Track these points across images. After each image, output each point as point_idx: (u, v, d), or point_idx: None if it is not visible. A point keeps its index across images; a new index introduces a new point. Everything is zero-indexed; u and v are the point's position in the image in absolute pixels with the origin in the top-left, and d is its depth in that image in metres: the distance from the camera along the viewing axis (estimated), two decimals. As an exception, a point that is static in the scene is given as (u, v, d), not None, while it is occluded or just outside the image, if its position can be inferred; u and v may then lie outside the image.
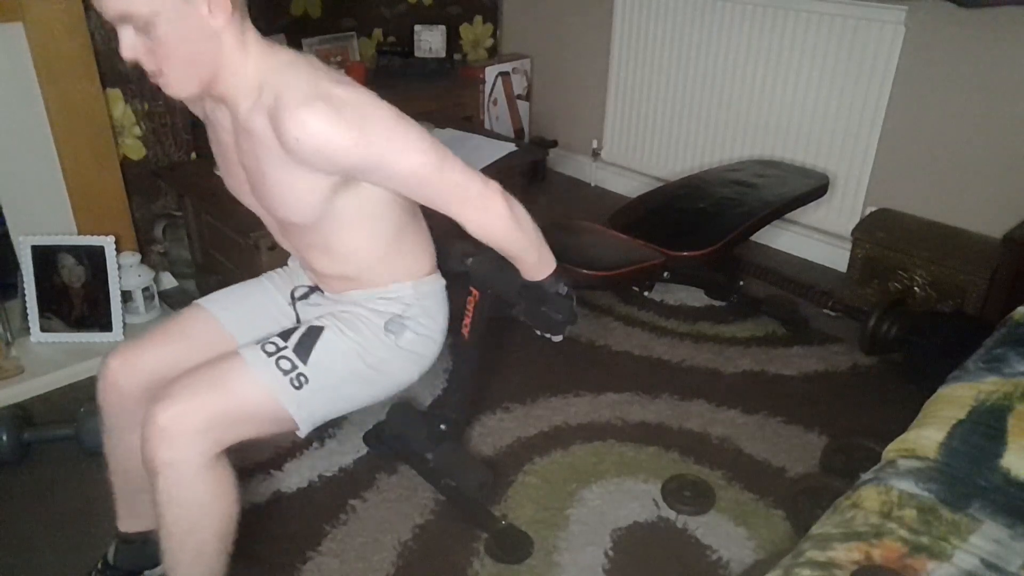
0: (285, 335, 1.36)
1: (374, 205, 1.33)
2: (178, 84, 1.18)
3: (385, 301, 1.44)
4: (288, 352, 1.32)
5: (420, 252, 1.48)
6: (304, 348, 1.34)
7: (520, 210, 1.38)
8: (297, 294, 1.51)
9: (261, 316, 1.50)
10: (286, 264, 1.61)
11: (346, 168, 1.23)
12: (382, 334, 1.41)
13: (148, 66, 1.16)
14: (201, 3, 1.12)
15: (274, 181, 1.26)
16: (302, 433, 1.36)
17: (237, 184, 1.40)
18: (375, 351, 1.40)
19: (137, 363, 1.40)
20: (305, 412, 1.33)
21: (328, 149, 1.17)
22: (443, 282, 1.52)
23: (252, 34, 1.21)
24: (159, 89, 1.20)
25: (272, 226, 1.46)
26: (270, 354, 1.31)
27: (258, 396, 1.29)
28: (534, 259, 1.44)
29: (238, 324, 1.47)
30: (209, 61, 1.17)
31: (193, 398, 1.24)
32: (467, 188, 1.31)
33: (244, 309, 1.50)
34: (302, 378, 1.31)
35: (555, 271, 1.47)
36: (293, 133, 1.15)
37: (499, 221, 1.35)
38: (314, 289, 1.52)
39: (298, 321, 1.47)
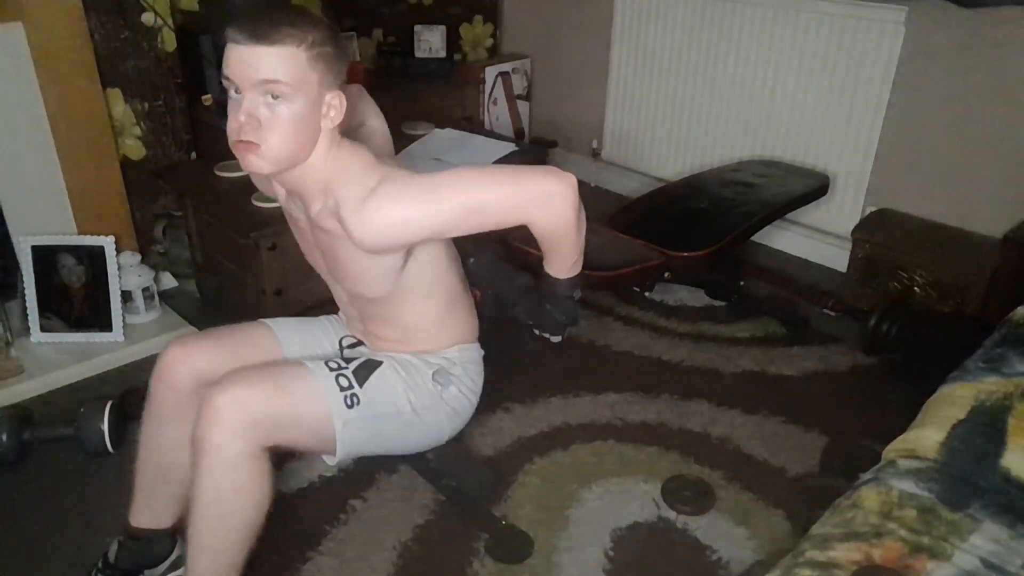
0: (346, 359, 1.45)
1: (433, 273, 1.46)
2: (267, 157, 1.23)
3: (433, 359, 1.53)
4: (348, 372, 1.41)
5: (467, 322, 1.59)
6: (362, 373, 1.43)
7: (581, 204, 1.40)
8: (345, 343, 1.59)
9: (314, 348, 1.58)
10: (339, 313, 1.68)
11: (409, 239, 1.33)
12: (430, 383, 1.50)
13: (248, 135, 1.21)
14: (326, 103, 1.24)
15: (350, 266, 1.38)
16: (335, 458, 1.43)
17: (314, 261, 1.53)
18: (421, 396, 1.49)
19: (196, 355, 1.45)
20: (348, 434, 1.39)
21: (396, 233, 1.28)
22: (482, 352, 1.63)
23: (338, 143, 1.31)
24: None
25: (341, 297, 1.57)
26: (332, 370, 1.40)
27: (313, 404, 1.36)
28: (575, 257, 1.45)
29: (294, 348, 1.55)
30: (303, 153, 1.26)
31: (254, 388, 1.29)
32: (542, 188, 1.33)
33: (301, 337, 1.58)
34: (355, 398, 1.39)
35: (577, 275, 1.49)
36: (359, 237, 1.26)
37: (571, 213, 1.35)
38: (360, 343, 1.59)
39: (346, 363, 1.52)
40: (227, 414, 1.25)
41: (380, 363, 1.46)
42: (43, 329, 2.27)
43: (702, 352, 2.35)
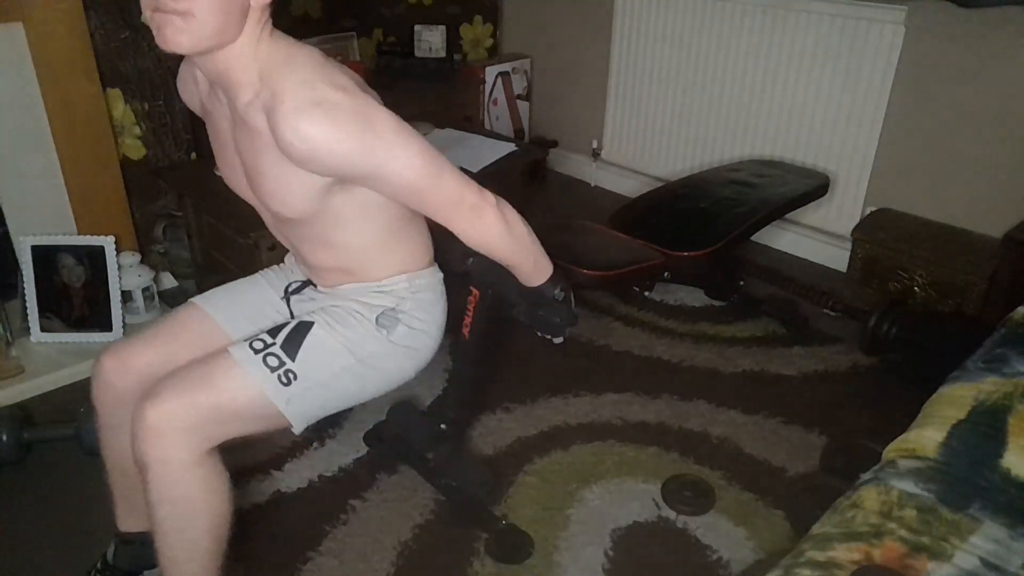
0: (273, 331, 1.35)
1: (369, 202, 1.33)
2: (188, 37, 1.13)
3: (378, 295, 1.43)
4: (276, 349, 1.32)
5: (416, 246, 1.47)
6: (292, 344, 1.33)
7: (515, 219, 1.38)
8: (292, 288, 1.51)
9: (256, 313, 1.49)
10: (283, 262, 1.61)
11: (341, 174, 1.23)
12: (374, 328, 1.40)
13: (173, 6, 1.11)
14: None
15: (269, 177, 1.26)
16: (296, 430, 1.36)
17: (234, 177, 1.39)
18: (366, 345, 1.39)
19: (131, 362, 1.40)
20: (295, 408, 1.32)
21: (322, 156, 1.17)
22: (440, 275, 1.52)
23: (269, 29, 1.22)
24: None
25: (268, 219, 1.46)
26: (257, 351, 1.31)
27: (246, 393, 1.28)
28: (529, 267, 1.44)
29: (233, 321, 1.47)
30: (229, 31, 1.15)
31: (181, 396, 1.24)
32: (462, 199, 1.31)
33: (239, 306, 1.49)
34: (290, 374, 1.30)
35: (551, 277, 1.46)
36: (287, 138, 1.15)
37: (492, 232, 1.35)
38: (307, 283, 1.51)
39: (292, 317, 1.47)
40: (161, 427, 1.21)
41: (311, 325, 1.36)
42: (43, 329, 2.27)
43: (702, 352, 2.35)
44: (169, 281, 2.64)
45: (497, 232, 1.35)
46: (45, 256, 2.25)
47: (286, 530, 1.71)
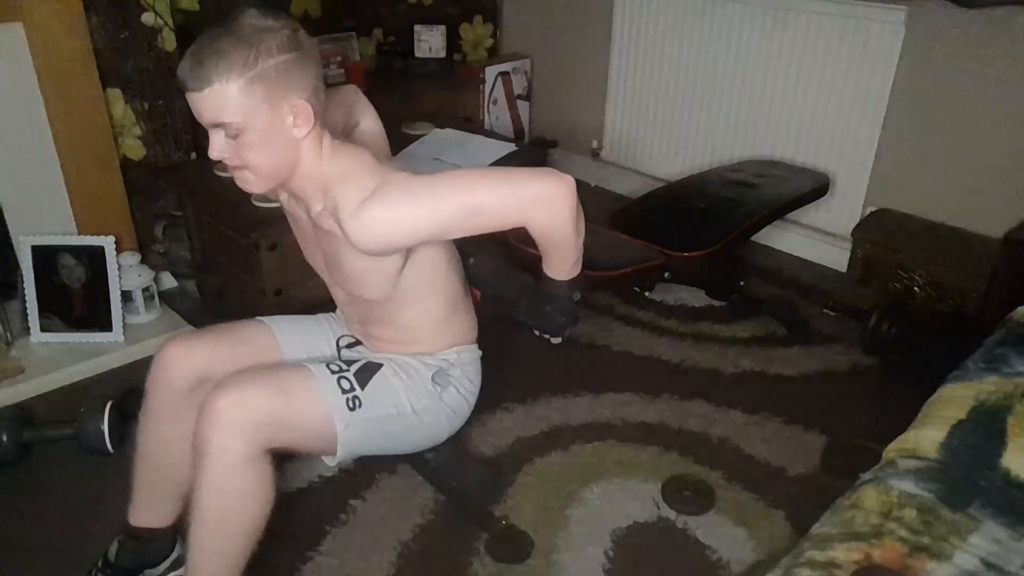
0: (347, 362, 1.45)
1: (433, 276, 1.46)
2: (258, 182, 1.29)
3: (433, 359, 1.53)
4: (350, 375, 1.42)
5: (465, 325, 1.59)
6: (364, 375, 1.43)
7: (580, 206, 1.38)
8: (342, 343, 1.59)
9: (312, 347, 1.59)
10: (337, 310, 1.67)
11: (413, 239, 1.33)
12: (430, 384, 1.51)
13: (231, 163, 1.27)
14: (287, 116, 1.23)
15: (349, 270, 1.39)
16: (336, 458, 1.43)
17: (314, 262, 1.53)
18: (421, 398, 1.49)
19: (194, 354, 1.45)
20: (349, 435, 1.40)
21: (391, 235, 1.28)
22: (480, 353, 1.63)
23: (327, 140, 1.32)
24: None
25: (340, 298, 1.58)
26: (334, 372, 1.41)
27: (315, 407, 1.36)
28: (574, 259, 1.44)
29: (291, 346, 1.56)
30: (288, 165, 1.29)
31: (257, 390, 1.30)
32: (520, 197, 1.32)
33: (299, 336, 1.59)
34: (357, 401, 1.40)
35: (577, 277, 1.48)
36: (356, 238, 1.26)
37: (569, 214, 1.34)
38: (359, 343, 1.60)
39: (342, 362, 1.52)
40: (230, 416, 1.25)
41: (380, 365, 1.47)
42: (43, 329, 2.27)
43: (702, 352, 2.35)
44: (169, 281, 2.64)
45: (572, 210, 1.34)
46: (45, 256, 2.26)
47: (286, 530, 1.71)
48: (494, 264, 1.50)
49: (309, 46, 1.25)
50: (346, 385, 1.40)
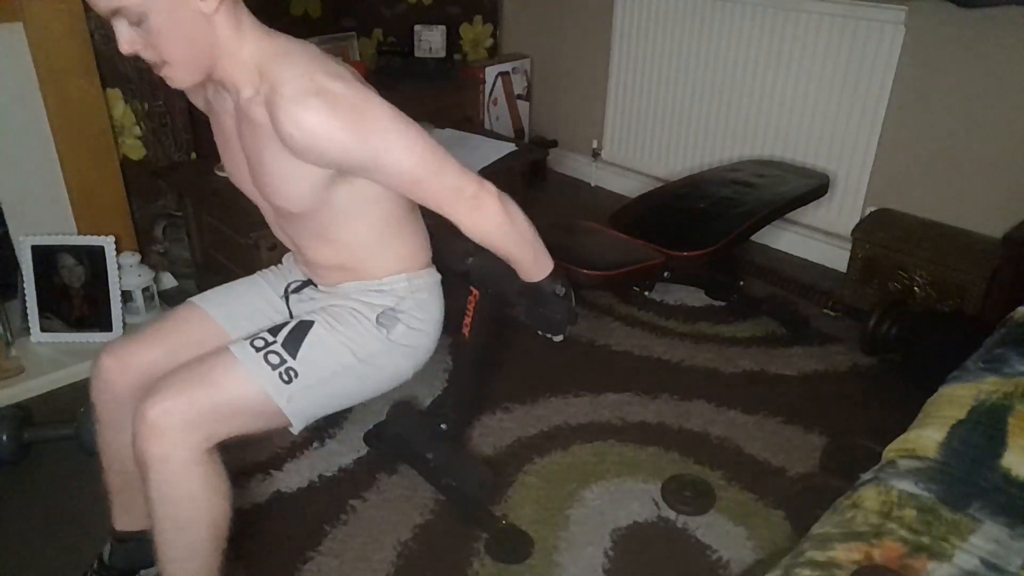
0: (274, 330, 1.36)
1: (370, 194, 1.34)
2: (180, 73, 1.20)
3: (378, 294, 1.44)
4: (277, 347, 1.32)
5: (415, 244, 1.48)
6: (293, 343, 1.34)
7: (516, 212, 1.37)
8: (292, 288, 1.51)
9: (255, 313, 1.50)
10: (281, 263, 1.62)
11: (340, 164, 1.24)
12: (373, 327, 1.41)
13: (149, 58, 1.18)
14: None
15: (272, 170, 1.27)
16: (295, 429, 1.36)
17: (238, 172, 1.40)
18: (366, 345, 1.40)
19: (130, 360, 1.40)
20: (295, 407, 1.33)
21: (322, 146, 1.18)
22: (438, 276, 1.53)
23: (247, 18, 1.23)
24: (163, 82, 1.22)
25: (269, 215, 1.47)
26: (259, 349, 1.31)
27: (247, 391, 1.29)
28: (530, 261, 1.43)
29: (232, 321, 1.47)
30: (207, 47, 1.18)
31: (182, 393, 1.24)
32: (462, 189, 1.31)
33: (238, 306, 1.50)
34: (291, 372, 1.31)
35: (552, 272, 1.46)
36: (287, 128, 1.16)
37: (493, 223, 1.34)
38: (307, 283, 1.52)
39: (291, 317, 1.47)
40: (161, 425, 1.22)
41: (311, 324, 1.37)
42: (43, 329, 2.27)
43: (702, 352, 2.35)
44: (169, 281, 2.64)
45: (498, 223, 1.34)
46: (45, 256, 2.26)
47: (286, 530, 1.71)
48: (494, 264, 1.50)
49: None
50: (275, 360, 1.31)
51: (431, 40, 3.36)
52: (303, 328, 1.36)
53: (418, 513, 1.76)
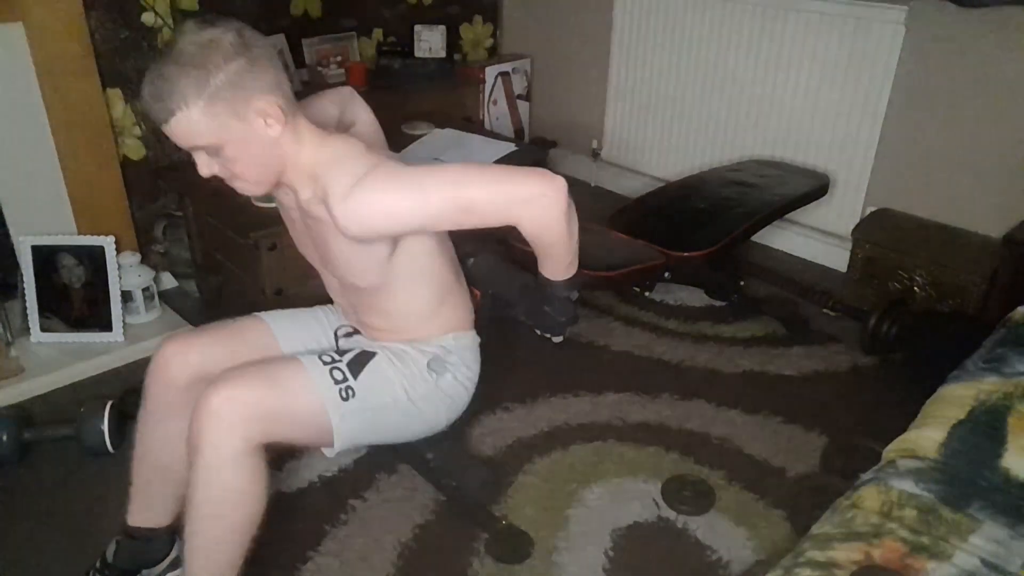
0: (340, 352, 1.45)
1: (423, 263, 1.45)
2: (253, 186, 1.32)
3: (427, 347, 1.52)
4: (342, 365, 1.41)
5: (461, 309, 1.57)
6: (356, 365, 1.43)
7: (572, 205, 1.37)
8: (340, 333, 1.59)
9: (309, 340, 1.58)
10: (333, 303, 1.67)
11: (400, 229, 1.33)
12: (425, 371, 1.49)
13: (223, 175, 1.30)
14: (256, 120, 1.23)
15: (339, 256, 1.38)
16: (335, 449, 1.43)
17: (307, 253, 1.53)
18: (417, 386, 1.48)
19: (191, 352, 1.45)
20: (345, 426, 1.39)
21: (378, 222, 1.27)
22: (478, 339, 1.61)
23: (305, 128, 1.32)
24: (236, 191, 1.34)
25: (333, 287, 1.57)
26: (326, 363, 1.40)
27: (308, 399, 1.36)
28: (568, 258, 1.43)
29: (289, 340, 1.55)
30: (275, 164, 1.30)
31: (249, 386, 1.30)
32: (511, 197, 1.31)
33: (296, 329, 1.58)
34: (351, 391, 1.39)
35: (574, 276, 1.47)
36: (344, 224, 1.26)
37: (557, 213, 1.33)
38: (356, 332, 1.59)
39: (341, 354, 1.51)
40: (223, 412, 1.26)
41: (374, 354, 1.46)
42: (43, 329, 2.27)
43: (702, 352, 2.35)
44: (169, 281, 2.64)
45: (563, 212, 1.32)
46: (45, 256, 2.26)
47: (286, 530, 1.71)
48: (494, 264, 1.50)
49: (258, 43, 1.23)
50: (338, 376, 1.39)
51: (431, 40, 3.36)
52: (366, 356, 1.46)
53: (418, 513, 1.76)
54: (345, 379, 1.40)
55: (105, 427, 1.87)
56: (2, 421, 1.87)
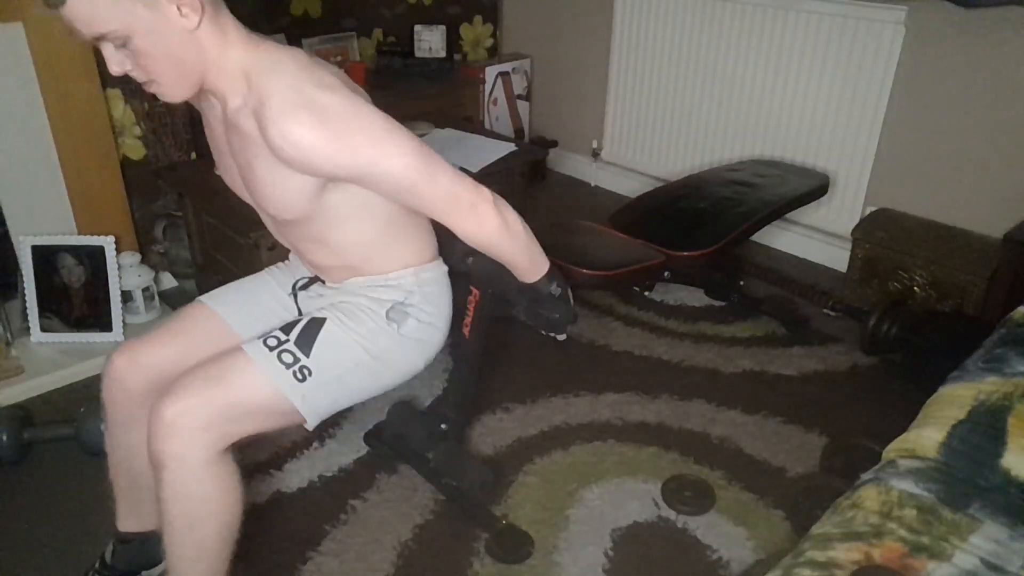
0: (287, 328, 1.36)
1: (366, 200, 1.33)
2: (171, 88, 1.20)
3: (386, 289, 1.44)
4: (290, 345, 1.33)
5: (419, 239, 1.47)
6: (306, 341, 1.34)
7: (511, 215, 1.37)
8: (298, 285, 1.51)
9: (263, 310, 1.50)
10: (287, 259, 1.61)
11: (331, 175, 1.24)
12: (384, 323, 1.41)
13: (138, 77, 1.18)
14: (169, 7, 1.12)
15: (263, 179, 1.26)
16: (309, 426, 1.37)
17: (232, 178, 1.40)
18: (378, 341, 1.40)
19: (142, 360, 1.41)
20: (310, 405, 1.33)
21: (312, 158, 1.17)
22: (445, 268, 1.52)
23: (232, 26, 1.21)
24: (155, 97, 1.22)
25: (267, 220, 1.47)
26: (272, 348, 1.32)
27: (262, 390, 1.29)
28: (525, 264, 1.43)
29: (241, 319, 1.47)
30: (194, 60, 1.18)
31: (198, 393, 1.25)
32: (457, 195, 1.30)
33: (246, 304, 1.50)
34: (305, 371, 1.32)
35: (547, 272, 1.46)
36: (277, 142, 1.16)
37: (488, 228, 1.34)
38: (315, 280, 1.52)
39: (300, 314, 1.47)
40: (178, 425, 1.22)
41: (323, 321, 1.37)
42: (43, 329, 2.27)
43: (702, 352, 2.35)
44: (169, 281, 2.64)
45: (495, 228, 1.34)
46: (45, 256, 2.26)
47: (286, 530, 1.71)
48: (493, 264, 1.50)
49: None
50: (288, 359, 1.31)
51: (431, 40, 3.36)
52: (315, 326, 1.36)
53: (418, 513, 1.76)
54: (296, 359, 1.31)
55: (105, 427, 1.86)
56: (2, 421, 1.87)
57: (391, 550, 1.66)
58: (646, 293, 2.62)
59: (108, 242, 2.28)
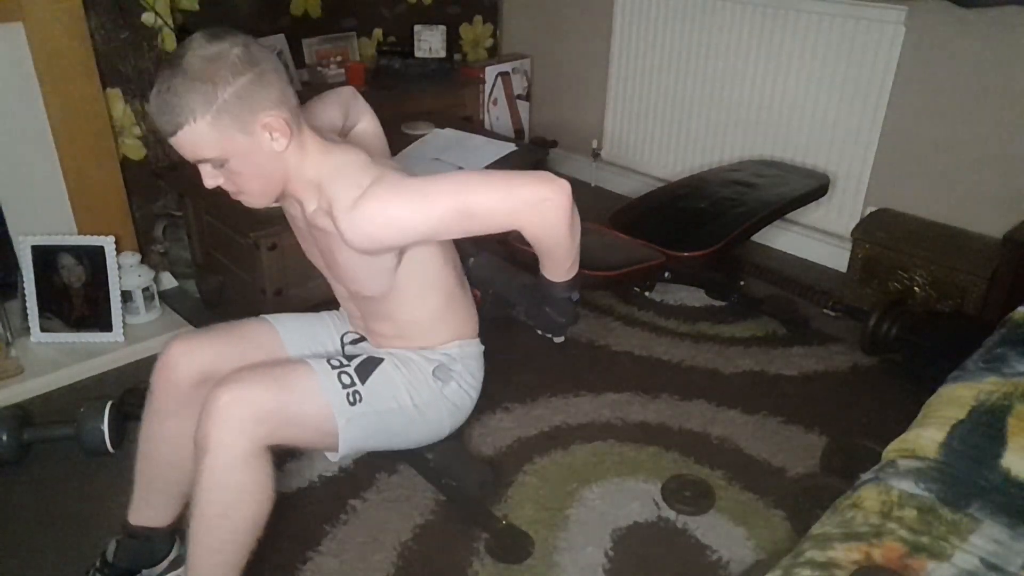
0: (347, 357, 1.46)
1: (430, 272, 1.46)
2: (257, 199, 1.33)
3: (433, 351, 1.53)
4: (350, 370, 1.42)
5: (466, 317, 1.58)
6: (364, 371, 1.44)
7: (575, 209, 1.37)
8: (347, 339, 1.60)
9: (316, 343, 1.60)
10: (341, 308, 1.67)
11: (404, 240, 1.33)
12: (431, 379, 1.50)
13: (229, 189, 1.31)
14: (262, 134, 1.24)
15: (344, 265, 1.39)
16: (338, 454, 1.43)
17: (314, 259, 1.54)
18: (422, 392, 1.49)
19: (198, 351, 1.46)
20: (349, 432, 1.40)
21: (383, 235, 1.27)
22: (482, 347, 1.62)
23: (310, 139, 1.32)
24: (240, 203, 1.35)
25: (341, 293, 1.58)
26: (334, 367, 1.41)
27: (315, 401, 1.36)
28: (570, 261, 1.43)
29: (295, 342, 1.57)
30: (280, 177, 1.31)
31: (258, 387, 1.30)
32: (516, 203, 1.30)
33: (303, 331, 1.60)
34: (357, 395, 1.40)
35: (575, 277, 1.47)
36: (349, 237, 1.27)
37: (562, 215, 1.32)
38: (362, 339, 1.60)
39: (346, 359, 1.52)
40: (231, 412, 1.26)
41: (381, 360, 1.47)
42: (43, 329, 2.27)
43: (702, 352, 2.35)
44: (169, 281, 2.64)
45: (566, 214, 1.32)
46: (45, 256, 2.26)
47: (286, 530, 1.71)
48: (494, 264, 1.50)
49: (265, 57, 1.24)
50: (346, 380, 1.40)
51: (431, 40, 3.36)
52: (373, 362, 1.46)
53: (418, 513, 1.76)
54: (353, 383, 1.40)
55: (105, 427, 1.87)
56: (2, 421, 1.87)
57: (391, 550, 1.66)
58: (646, 293, 2.63)
59: (108, 242, 2.28)
